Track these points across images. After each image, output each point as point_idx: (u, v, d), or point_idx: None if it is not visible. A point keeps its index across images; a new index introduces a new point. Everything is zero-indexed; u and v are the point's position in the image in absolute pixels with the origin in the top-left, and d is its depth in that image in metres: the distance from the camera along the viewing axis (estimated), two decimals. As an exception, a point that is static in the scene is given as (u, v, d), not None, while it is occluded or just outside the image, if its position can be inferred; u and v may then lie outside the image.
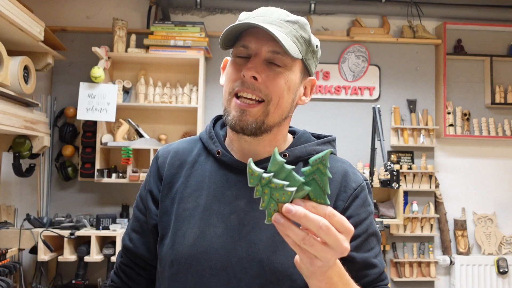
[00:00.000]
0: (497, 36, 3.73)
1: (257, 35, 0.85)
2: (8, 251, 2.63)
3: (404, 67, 3.62)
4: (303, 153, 0.92)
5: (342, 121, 3.55)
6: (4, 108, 2.34)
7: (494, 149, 3.70)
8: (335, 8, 3.56)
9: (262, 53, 0.85)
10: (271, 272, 0.82)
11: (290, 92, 0.88)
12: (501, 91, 3.65)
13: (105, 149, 3.20)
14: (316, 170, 0.61)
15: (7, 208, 3.16)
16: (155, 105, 3.18)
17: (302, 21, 0.88)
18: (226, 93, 0.88)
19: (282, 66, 0.85)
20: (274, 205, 0.61)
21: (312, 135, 0.99)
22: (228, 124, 0.87)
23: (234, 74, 0.87)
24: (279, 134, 0.92)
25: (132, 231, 0.99)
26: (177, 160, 0.96)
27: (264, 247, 0.83)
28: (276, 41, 0.83)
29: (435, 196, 3.56)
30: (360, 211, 0.89)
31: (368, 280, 0.88)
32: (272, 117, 0.86)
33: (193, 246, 0.85)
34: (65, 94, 3.33)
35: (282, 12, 0.87)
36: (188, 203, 0.90)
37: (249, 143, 0.90)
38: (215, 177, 0.91)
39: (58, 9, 3.45)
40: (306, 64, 0.90)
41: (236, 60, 0.88)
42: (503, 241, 3.62)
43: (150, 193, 0.96)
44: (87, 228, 2.95)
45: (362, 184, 0.92)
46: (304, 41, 0.87)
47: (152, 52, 3.16)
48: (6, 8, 2.15)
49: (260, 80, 0.84)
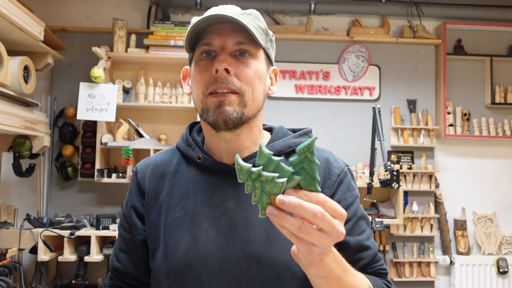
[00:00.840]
0: (497, 36, 3.73)
1: (218, 31, 0.85)
2: (8, 251, 2.63)
3: (404, 67, 3.62)
4: (283, 147, 0.92)
5: (342, 121, 3.55)
6: (4, 108, 2.34)
7: (494, 149, 3.70)
8: (335, 8, 3.56)
9: (227, 47, 0.85)
10: (270, 268, 0.82)
11: (261, 81, 0.89)
12: (501, 91, 3.65)
13: (105, 149, 3.20)
14: (304, 158, 0.61)
15: (7, 208, 3.16)
16: (155, 105, 3.18)
17: (255, 12, 0.89)
18: (199, 95, 0.87)
19: (249, 56, 0.86)
20: (266, 198, 0.61)
21: (288, 130, 1.00)
22: (209, 121, 0.86)
23: (204, 75, 0.86)
24: (256, 127, 0.92)
25: (119, 251, 0.97)
26: (157, 172, 0.95)
27: (260, 244, 0.83)
28: (239, 33, 0.84)
29: (435, 196, 3.56)
30: (346, 196, 0.90)
31: (364, 262, 0.88)
32: (250, 108, 0.87)
33: (187, 254, 0.84)
34: (65, 94, 3.33)
35: (235, 7, 0.88)
36: (176, 212, 0.89)
37: (228, 142, 0.89)
38: (199, 183, 0.90)
39: (58, 9, 3.45)
40: (268, 53, 0.91)
41: (201, 62, 0.87)
42: (503, 241, 3.62)
43: (134, 209, 0.94)
44: (87, 228, 2.95)
45: (344, 169, 0.93)
46: (262, 30, 0.89)
47: (152, 52, 3.16)
48: (6, 8, 2.15)
49: (232, 73, 0.84)
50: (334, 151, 3.48)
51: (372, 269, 0.90)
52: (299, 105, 3.54)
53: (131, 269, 0.95)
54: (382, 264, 0.92)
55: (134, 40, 3.24)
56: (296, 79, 3.54)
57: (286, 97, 3.53)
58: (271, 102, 3.52)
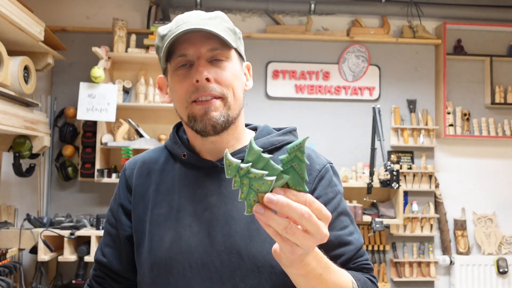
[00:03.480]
0: (497, 36, 3.73)
1: (189, 41, 0.87)
2: (8, 251, 2.63)
3: (404, 67, 3.62)
4: (266, 144, 0.94)
5: (342, 121, 3.55)
6: (4, 108, 2.34)
7: (494, 149, 3.70)
8: (335, 8, 3.57)
9: (202, 55, 0.87)
10: (250, 262, 0.84)
11: (239, 81, 0.92)
12: (501, 91, 3.65)
13: (105, 149, 3.20)
14: (294, 157, 0.60)
15: (7, 208, 3.16)
16: (155, 105, 3.18)
17: (220, 14, 0.92)
18: (182, 104, 0.89)
19: (224, 59, 0.89)
20: (253, 195, 0.60)
21: (274, 129, 1.02)
22: (197, 128, 0.88)
23: (184, 85, 0.88)
24: (240, 125, 0.95)
25: (105, 245, 1.00)
26: (144, 169, 0.98)
27: (241, 238, 0.85)
28: (210, 39, 0.87)
29: (435, 196, 3.56)
30: (327, 191, 0.91)
31: (345, 258, 0.89)
32: (234, 109, 0.90)
33: (171, 248, 0.87)
34: (65, 94, 3.33)
35: (200, 13, 0.91)
36: (161, 208, 0.91)
37: (214, 143, 0.92)
38: (184, 179, 0.93)
39: (58, 9, 3.45)
40: (239, 50, 0.94)
41: (179, 72, 0.89)
42: (503, 241, 3.62)
43: (121, 206, 0.98)
44: (87, 228, 2.95)
45: (326, 166, 0.94)
46: (230, 31, 0.91)
47: (152, 52, 3.16)
48: (6, 8, 2.15)
49: (212, 80, 0.87)
50: (334, 151, 3.48)
51: (355, 264, 0.90)
52: (299, 105, 3.54)
53: (115, 264, 0.98)
54: (366, 259, 0.92)
55: (134, 40, 3.24)
56: (296, 79, 3.54)
57: (286, 97, 3.53)
58: (271, 102, 3.52)
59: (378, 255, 3.47)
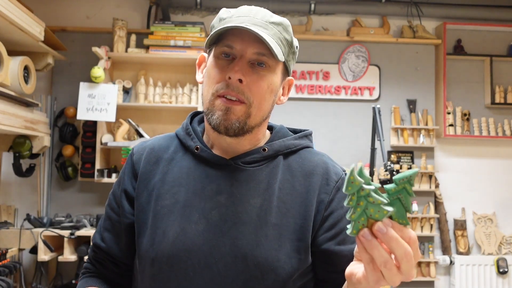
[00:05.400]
0: (497, 36, 3.73)
1: (242, 36, 0.85)
2: (8, 251, 2.63)
3: (404, 67, 3.62)
4: (282, 147, 0.93)
5: (342, 121, 3.55)
6: (4, 108, 2.34)
7: (494, 149, 3.70)
8: (335, 8, 3.57)
9: (247, 55, 0.85)
10: (255, 267, 0.82)
11: (272, 94, 0.89)
12: (501, 91, 3.65)
13: (105, 149, 3.20)
14: (402, 189, 0.59)
15: (7, 208, 3.16)
16: (155, 105, 3.18)
17: (285, 23, 0.89)
18: (209, 93, 0.87)
19: (266, 68, 0.86)
20: (364, 219, 0.59)
21: (288, 129, 1.00)
22: (212, 124, 0.87)
23: (218, 75, 0.86)
24: (259, 134, 0.93)
25: (104, 229, 0.97)
26: (153, 157, 0.95)
27: (247, 242, 0.83)
28: (261, 43, 0.83)
29: (435, 196, 3.56)
30: (343, 204, 0.90)
31: None
32: (254, 119, 0.87)
33: (175, 244, 0.84)
34: (65, 94, 3.33)
35: (266, 13, 0.88)
36: (166, 200, 0.88)
37: (229, 143, 0.90)
38: (194, 172, 0.90)
39: (58, 9, 3.45)
40: (287, 65, 0.92)
41: (219, 61, 0.87)
42: (503, 241, 3.62)
43: (125, 191, 0.94)
44: (87, 228, 2.95)
45: (342, 176, 0.92)
46: (287, 43, 0.88)
47: (152, 52, 3.16)
48: (6, 8, 2.15)
49: (245, 82, 0.84)
50: (334, 151, 3.48)
51: None
52: (299, 105, 3.54)
53: (114, 250, 0.95)
54: None
55: (134, 40, 3.24)
56: (296, 79, 3.54)
57: (286, 97, 3.53)
58: (271, 102, 3.52)
59: (378, 255, 3.47)
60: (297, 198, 0.87)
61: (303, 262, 0.85)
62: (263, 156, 0.90)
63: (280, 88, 0.93)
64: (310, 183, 0.89)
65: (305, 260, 0.85)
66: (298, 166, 0.91)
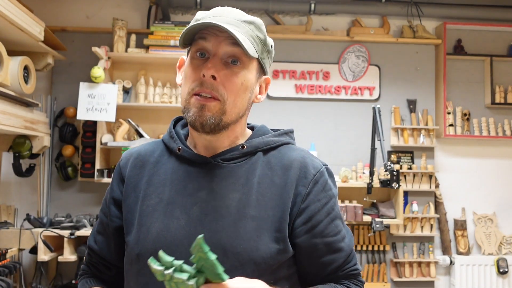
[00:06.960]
0: (497, 36, 3.73)
1: (215, 34, 0.88)
2: (8, 251, 2.63)
3: (404, 67, 3.62)
4: (261, 144, 0.95)
5: (342, 121, 3.55)
6: (4, 108, 2.34)
7: (494, 149, 3.70)
8: (335, 8, 3.56)
9: (220, 52, 0.88)
10: (234, 257, 0.85)
11: (247, 91, 0.92)
12: (501, 91, 3.65)
13: (105, 149, 3.20)
14: (199, 259, 0.70)
15: (7, 208, 3.16)
16: (155, 105, 3.18)
17: (258, 22, 0.92)
18: (185, 93, 0.91)
19: (239, 65, 0.89)
20: None
21: (272, 130, 1.03)
22: (188, 121, 0.90)
23: (193, 75, 0.89)
24: (237, 130, 0.96)
25: (97, 233, 1.03)
26: (139, 161, 0.99)
27: (227, 234, 0.86)
28: (234, 40, 0.86)
29: (435, 196, 3.56)
30: (320, 197, 0.92)
31: (335, 266, 0.92)
32: (229, 116, 0.90)
33: (157, 240, 0.88)
34: (65, 94, 3.33)
35: (238, 12, 0.91)
36: (151, 199, 0.93)
37: (208, 141, 0.93)
38: (177, 172, 0.94)
39: (58, 9, 3.45)
40: (262, 63, 0.94)
41: (194, 61, 0.90)
42: (503, 241, 3.62)
43: (113, 196, 0.99)
44: (87, 228, 2.94)
45: (321, 169, 0.94)
46: (260, 41, 0.91)
47: (152, 52, 3.16)
48: (6, 8, 2.15)
49: (218, 79, 0.87)
50: (334, 151, 3.48)
51: (343, 271, 0.94)
52: (299, 105, 3.54)
53: (105, 252, 1.01)
54: (354, 264, 0.95)
55: (134, 40, 3.24)
56: (296, 79, 3.54)
57: (286, 97, 3.53)
58: (271, 102, 3.52)
59: (378, 255, 3.47)
60: (276, 191, 0.90)
61: (282, 252, 0.88)
62: (242, 153, 0.94)
63: (256, 86, 0.95)
64: (288, 176, 0.92)
65: (284, 250, 0.88)
66: (278, 161, 0.94)
